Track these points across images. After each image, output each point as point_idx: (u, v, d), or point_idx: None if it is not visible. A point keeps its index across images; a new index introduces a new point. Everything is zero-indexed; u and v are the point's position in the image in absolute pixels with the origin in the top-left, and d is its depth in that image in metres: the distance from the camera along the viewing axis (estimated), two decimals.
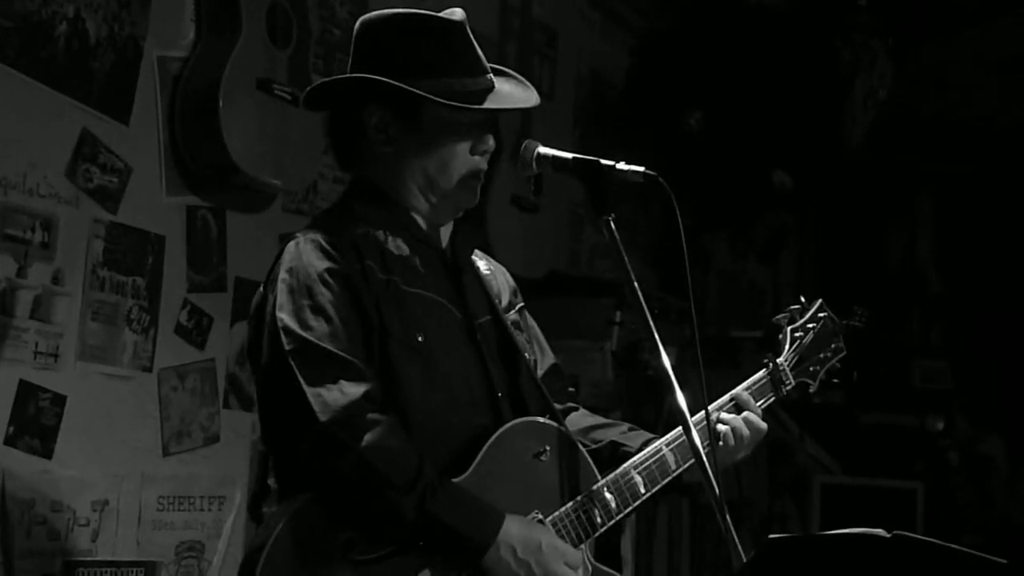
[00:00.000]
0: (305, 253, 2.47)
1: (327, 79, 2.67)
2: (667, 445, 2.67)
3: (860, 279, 8.35)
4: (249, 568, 2.30)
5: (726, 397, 2.79)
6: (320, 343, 2.37)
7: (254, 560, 2.29)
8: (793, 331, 2.97)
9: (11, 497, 3.26)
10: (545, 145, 2.61)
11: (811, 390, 2.97)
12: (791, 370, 2.91)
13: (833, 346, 3.02)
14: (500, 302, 2.73)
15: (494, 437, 2.50)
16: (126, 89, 3.61)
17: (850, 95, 6.35)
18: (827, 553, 1.98)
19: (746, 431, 2.72)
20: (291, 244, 2.51)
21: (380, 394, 2.38)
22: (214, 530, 3.83)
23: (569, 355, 4.94)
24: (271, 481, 2.56)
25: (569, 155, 2.56)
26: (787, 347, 2.93)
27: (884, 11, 6.33)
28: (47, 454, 3.37)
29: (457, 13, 2.59)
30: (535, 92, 2.71)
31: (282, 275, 2.46)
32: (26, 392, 3.32)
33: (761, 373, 2.86)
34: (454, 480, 2.41)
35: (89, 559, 3.46)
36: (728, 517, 2.30)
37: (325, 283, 2.42)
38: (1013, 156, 7.86)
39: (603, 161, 2.50)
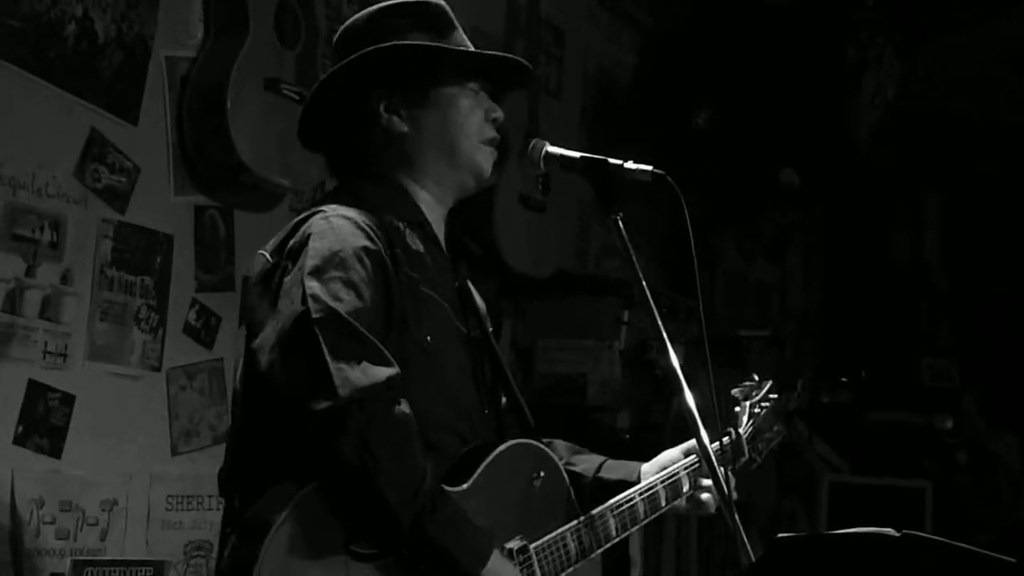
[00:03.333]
0: (340, 227, 2.35)
1: (324, 77, 2.59)
2: (640, 494, 2.67)
3: (867, 277, 8.35)
4: (251, 547, 2.15)
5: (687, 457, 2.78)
6: (350, 318, 2.23)
7: (257, 538, 2.15)
8: (751, 406, 2.98)
9: (20, 496, 3.27)
10: (552, 144, 2.60)
11: (753, 467, 2.99)
12: (747, 444, 2.92)
13: (775, 428, 3.04)
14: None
15: (494, 454, 2.44)
16: (134, 89, 3.61)
17: (857, 93, 6.35)
18: (836, 552, 1.98)
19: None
20: (318, 217, 2.38)
21: (402, 384, 2.24)
22: None
23: (577, 354, 4.95)
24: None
25: (577, 154, 2.55)
26: (745, 420, 2.95)
27: (891, 8, 6.33)
28: (56, 453, 3.38)
29: None
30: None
31: (314, 243, 2.32)
32: (35, 392, 3.32)
33: (725, 440, 2.85)
34: (453, 489, 2.34)
35: (98, 558, 3.47)
36: (737, 516, 2.31)
37: (360, 260, 2.31)
38: (1021, 153, 7.84)
39: (611, 160, 2.49)
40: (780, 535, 1.96)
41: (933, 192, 8.71)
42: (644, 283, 2.44)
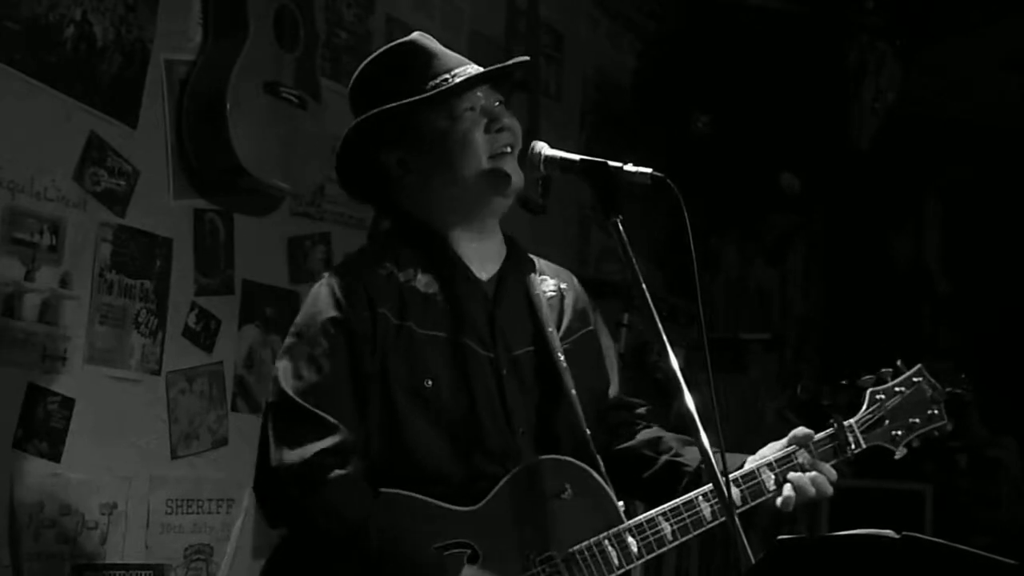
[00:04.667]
0: (319, 300, 2.57)
1: (340, 146, 2.71)
2: (703, 497, 2.62)
3: (868, 281, 8.34)
4: None
5: (785, 450, 2.72)
6: (297, 399, 2.48)
7: None
8: (875, 393, 2.85)
9: (20, 500, 3.27)
10: (552, 147, 2.60)
11: (896, 456, 2.85)
12: (862, 433, 2.81)
13: (929, 413, 2.89)
14: (555, 328, 2.71)
15: (509, 475, 2.52)
16: (133, 92, 3.61)
17: (858, 97, 6.34)
18: (836, 554, 1.97)
19: (811, 489, 2.68)
20: (316, 285, 2.62)
21: (348, 446, 2.46)
22: (222, 533, 3.83)
23: None
24: None
25: (577, 157, 2.55)
26: (864, 408, 2.83)
27: (892, 13, 6.32)
28: (55, 457, 3.38)
29: (411, 35, 2.73)
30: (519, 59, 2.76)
31: (297, 320, 2.59)
32: (34, 395, 3.32)
33: (823, 433, 2.77)
34: (462, 509, 2.46)
35: (98, 562, 3.47)
36: (737, 519, 2.30)
37: (326, 333, 2.52)
38: (1021, 156, 7.84)
39: (611, 163, 2.49)
40: (781, 537, 1.96)
41: (934, 196, 8.70)
42: (644, 286, 2.43)
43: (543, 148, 2.59)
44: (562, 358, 2.68)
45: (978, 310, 8.28)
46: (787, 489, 2.68)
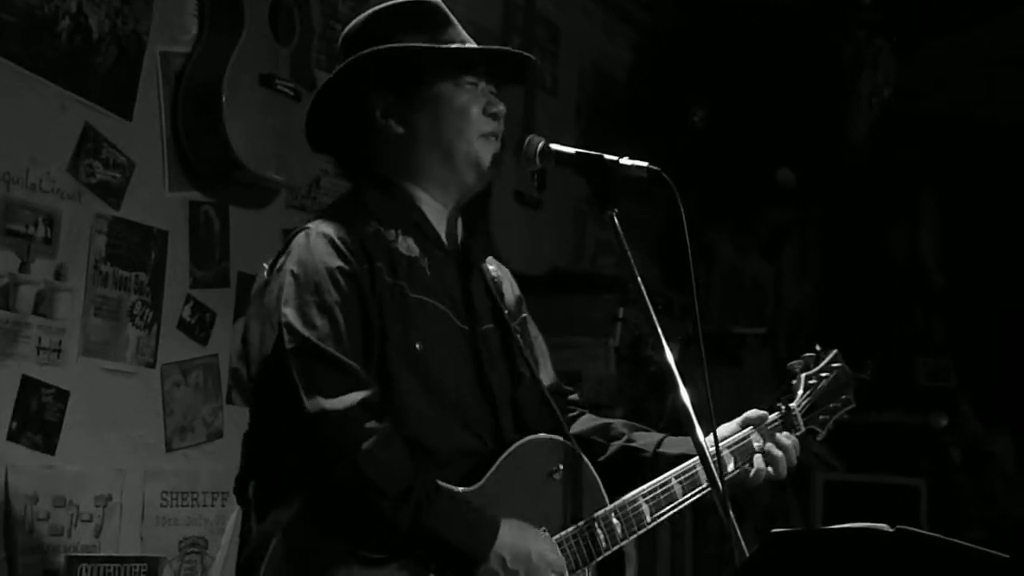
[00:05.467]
0: (316, 247, 2.40)
1: (324, 83, 2.60)
2: (676, 477, 2.65)
3: (863, 275, 8.35)
4: (254, 568, 2.25)
5: (740, 431, 2.79)
6: (322, 344, 2.31)
7: (258, 562, 2.25)
8: (807, 378, 2.94)
9: (14, 493, 3.27)
10: (548, 140, 2.60)
11: (818, 438, 2.97)
12: (802, 416, 2.89)
13: (843, 397, 3.00)
14: (507, 310, 2.70)
15: (510, 451, 2.47)
16: (129, 84, 3.61)
17: (854, 92, 6.35)
18: (830, 547, 1.97)
19: (782, 459, 2.77)
20: (301, 235, 2.45)
21: (379, 401, 2.33)
22: (217, 526, 3.83)
23: (572, 351, 4.95)
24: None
25: (572, 150, 2.54)
26: (800, 393, 2.92)
27: (888, 8, 6.33)
28: (50, 450, 3.37)
29: None
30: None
31: (290, 267, 2.39)
32: (29, 388, 3.32)
33: (774, 416, 2.85)
34: (466, 489, 2.38)
35: (92, 555, 3.46)
36: (731, 513, 2.30)
37: (335, 282, 2.36)
38: (1016, 152, 7.85)
39: (607, 156, 2.48)
40: (775, 530, 1.96)
41: (929, 191, 8.71)
42: (640, 280, 2.43)
43: (539, 141, 2.58)
44: (519, 338, 2.67)
45: (973, 304, 8.29)
46: (758, 461, 2.76)
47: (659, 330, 2.40)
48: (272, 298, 2.40)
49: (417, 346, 2.43)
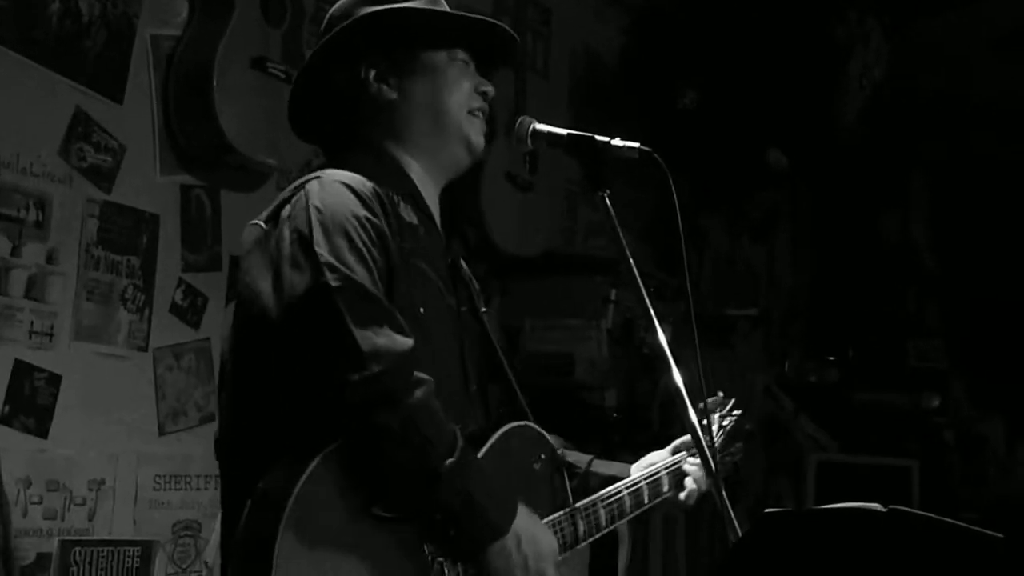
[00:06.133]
0: (337, 193, 2.30)
1: (314, 51, 2.57)
2: (646, 479, 2.74)
3: (854, 257, 8.35)
4: (268, 518, 2.07)
5: (671, 457, 2.86)
6: (368, 286, 2.20)
7: (274, 509, 2.07)
8: (720, 419, 3.03)
9: (7, 476, 3.26)
10: (540, 122, 2.59)
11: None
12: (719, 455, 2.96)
13: (738, 445, 3.08)
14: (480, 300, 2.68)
15: (499, 434, 2.45)
16: (119, 68, 3.60)
17: (845, 73, 6.34)
18: (823, 527, 1.98)
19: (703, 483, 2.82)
20: (313, 183, 2.33)
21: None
22: (210, 509, 3.83)
23: (564, 333, 4.95)
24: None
25: (564, 131, 2.54)
26: (718, 434, 2.99)
27: None
28: (43, 434, 3.37)
29: None
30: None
31: (315, 210, 2.26)
32: (21, 372, 3.32)
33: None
34: None
35: (85, 538, 3.47)
36: (724, 495, 2.31)
37: (364, 228, 2.26)
38: (1008, 134, 7.85)
39: (598, 137, 2.48)
40: (767, 510, 1.96)
41: (921, 173, 8.72)
42: (632, 261, 2.43)
43: (531, 123, 2.57)
44: (490, 330, 2.67)
45: (965, 287, 8.30)
46: (689, 483, 2.82)
47: (651, 312, 2.39)
48: (287, 243, 2.26)
49: (421, 310, 2.38)
